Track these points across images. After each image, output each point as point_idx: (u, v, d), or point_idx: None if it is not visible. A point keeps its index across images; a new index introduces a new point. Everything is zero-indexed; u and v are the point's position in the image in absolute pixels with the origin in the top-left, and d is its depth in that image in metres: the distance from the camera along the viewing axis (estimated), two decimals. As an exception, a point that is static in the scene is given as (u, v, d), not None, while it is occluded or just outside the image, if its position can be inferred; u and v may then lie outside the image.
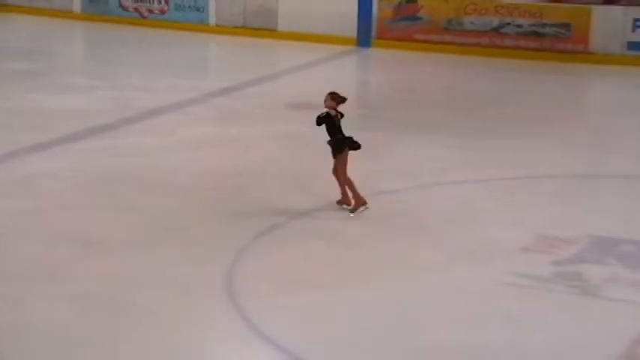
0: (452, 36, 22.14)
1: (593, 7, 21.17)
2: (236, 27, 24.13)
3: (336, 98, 11.29)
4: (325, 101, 11.32)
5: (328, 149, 11.50)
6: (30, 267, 10.34)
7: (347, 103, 11.40)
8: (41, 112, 16.83)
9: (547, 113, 17.13)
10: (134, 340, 8.77)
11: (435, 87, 19.55)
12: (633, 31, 20.79)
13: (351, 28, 22.92)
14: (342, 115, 11.42)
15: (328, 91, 11.45)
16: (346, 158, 11.42)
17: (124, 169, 13.66)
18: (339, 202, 11.58)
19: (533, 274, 10.10)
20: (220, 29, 24.40)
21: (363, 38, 22.90)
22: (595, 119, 17.40)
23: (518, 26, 21.60)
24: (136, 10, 25.48)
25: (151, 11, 25.30)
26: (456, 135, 15.41)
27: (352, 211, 11.46)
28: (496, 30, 21.76)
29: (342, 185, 11.51)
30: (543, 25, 21.40)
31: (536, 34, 21.47)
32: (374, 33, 22.87)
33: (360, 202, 11.47)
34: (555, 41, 21.31)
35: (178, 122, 16.35)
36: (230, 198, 12.55)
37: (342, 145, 11.38)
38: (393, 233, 11.23)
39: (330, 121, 11.32)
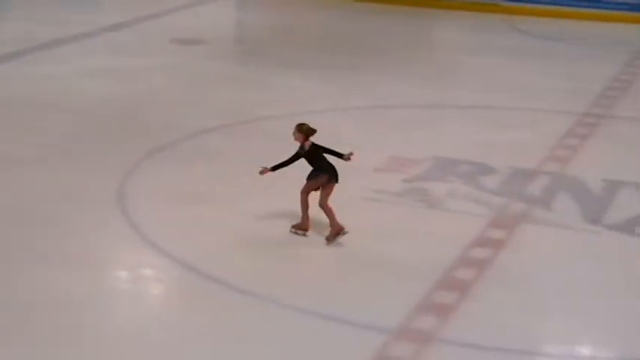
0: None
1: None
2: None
3: (304, 131, 9.35)
4: (294, 134, 9.37)
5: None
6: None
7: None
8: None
9: (402, 51, 17.63)
10: (36, 249, 8.92)
11: (307, 26, 19.84)
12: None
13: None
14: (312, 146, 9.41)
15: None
16: (318, 186, 9.39)
17: (23, 94, 13.65)
18: (293, 227, 9.51)
19: (386, 190, 10.67)
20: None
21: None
22: (441, 57, 17.94)
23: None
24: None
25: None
26: (324, 69, 15.89)
27: (329, 238, 9.29)
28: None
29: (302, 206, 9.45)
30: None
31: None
32: (253, -25, 22.80)
33: (337, 230, 9.28)
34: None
35: (75, 53, 16.30)
36: (123, 121, 12.74)
37: (314, 174, 9.45)
38: (269, 154, 11.45)
39: (309, 155, 9.42)
